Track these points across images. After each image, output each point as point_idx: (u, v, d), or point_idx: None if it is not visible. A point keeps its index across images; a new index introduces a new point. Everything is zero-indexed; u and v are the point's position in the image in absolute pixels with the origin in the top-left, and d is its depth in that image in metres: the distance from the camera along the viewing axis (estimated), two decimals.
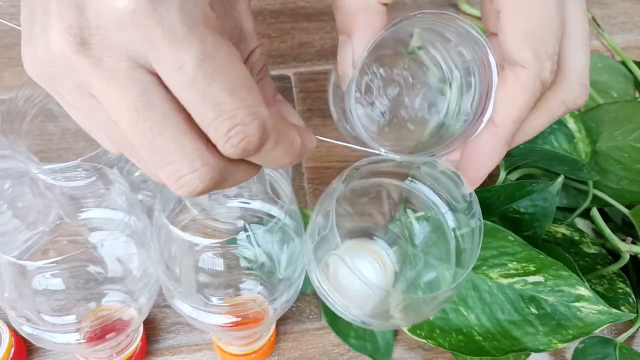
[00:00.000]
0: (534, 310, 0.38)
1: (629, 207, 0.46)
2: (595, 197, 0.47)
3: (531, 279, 0.38)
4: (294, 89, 0.59)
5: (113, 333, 0.35)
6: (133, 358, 0.42)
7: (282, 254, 0.34)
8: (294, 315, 0.47)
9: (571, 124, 0.49)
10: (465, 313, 0.39)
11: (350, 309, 0.30)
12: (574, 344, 0.43)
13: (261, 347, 0.42)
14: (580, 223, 0.49)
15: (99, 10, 0.19)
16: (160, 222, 0.31)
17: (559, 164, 0.45)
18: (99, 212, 0.38)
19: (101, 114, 0.21)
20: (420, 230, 0.35)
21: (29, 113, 0.37)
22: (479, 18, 0.64)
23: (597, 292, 0.44)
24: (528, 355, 0.43)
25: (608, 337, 0.44)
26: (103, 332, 0.34)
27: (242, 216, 0.37)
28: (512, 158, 0.46)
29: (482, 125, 0.27)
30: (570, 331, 0.37)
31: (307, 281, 0.33)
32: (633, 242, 0.43)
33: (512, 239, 0.38)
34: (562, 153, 0.48)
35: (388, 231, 0.36)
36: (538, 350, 0.37)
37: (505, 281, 0.38)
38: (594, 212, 0.45)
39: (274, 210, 0.36)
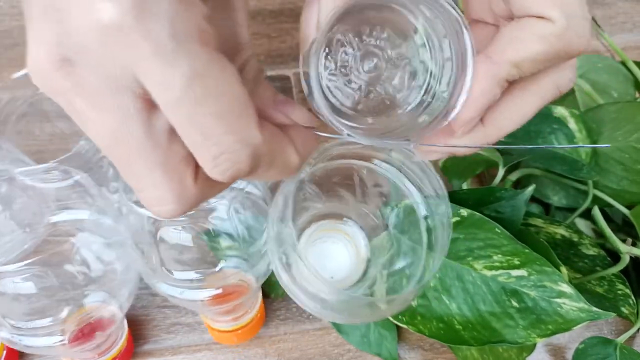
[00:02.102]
0: (515, 304, 0.38)
1: (629, 207, 0.46)
2: (595, 197, 0.47)
3: (515, 272, 0.38)
4: (293, 89, 0.59)
5: (98, 332, 0.35)
6: (117, 359, 0.41)
7: (251, 223, 0.34)
8: (294, 315, 0.47)
9: (572, 124, 0.49)
10: (448, 302, 0.39)
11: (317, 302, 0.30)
12: (575, 344, 0.43)
13: (249, 322, 0.42)
14: (581, 223, 0.49)
15: (81, 25, 0.17)
16: (123, 202, 0.31)
17: (559, 164, 0.45)
18: (75, 213, 0.37)
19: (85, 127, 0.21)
20: (392, 213, 0.35)
21: (14, 113, 0.37)
22: None
23: (597, 294, 0.44)
24: (529, 353, 0.43)
25: (608, 337, 0.44)
26: (87, 331, 0.34)
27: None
28: (511, 157, 0.46)
29: (456, 111, 0.25)
30: (550, 326, 0.37)
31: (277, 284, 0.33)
32: (633, 243, 0.43)
33: (499, 231, 0.39)
34: (562, 153, 0.48)
35: (359, 214, 0.36)
36: (516, 343, 0.38)
37: (489, 273, 0.39)
38: (596, 211, 0.45)
39: (246, 185, 0.36)
